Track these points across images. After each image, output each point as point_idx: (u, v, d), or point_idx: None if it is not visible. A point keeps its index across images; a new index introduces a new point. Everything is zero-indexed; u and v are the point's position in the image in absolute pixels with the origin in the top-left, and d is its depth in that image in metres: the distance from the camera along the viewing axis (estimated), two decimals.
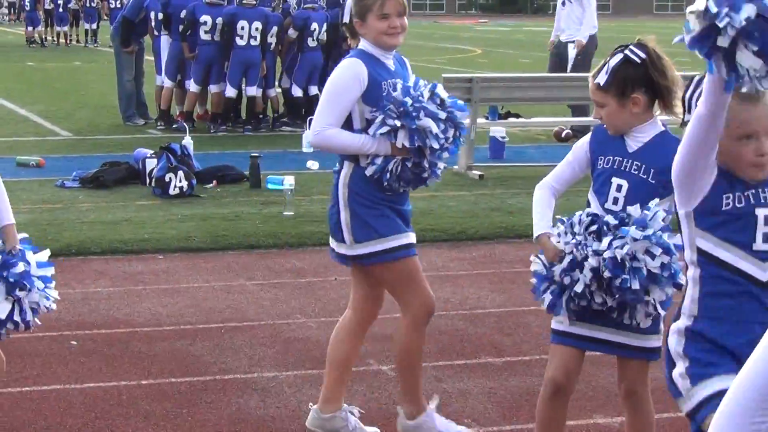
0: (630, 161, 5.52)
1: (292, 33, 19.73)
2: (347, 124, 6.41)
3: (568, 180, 5.75)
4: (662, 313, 5.37)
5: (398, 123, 6.34)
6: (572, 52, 19.03)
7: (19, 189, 13.46)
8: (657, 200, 5.30)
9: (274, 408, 6.93)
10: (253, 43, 19.12)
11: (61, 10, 44.74)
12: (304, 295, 9.58)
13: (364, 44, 6.66)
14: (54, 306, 5.91)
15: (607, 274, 5.20)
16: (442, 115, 6.43)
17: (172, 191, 13.46)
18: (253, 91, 19.57)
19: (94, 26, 45.02)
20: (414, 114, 6.31)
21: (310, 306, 9.33)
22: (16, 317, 5.69)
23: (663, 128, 5.50)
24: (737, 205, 4.49)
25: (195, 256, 10.72)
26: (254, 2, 19.23)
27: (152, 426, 6.71)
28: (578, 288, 5.30)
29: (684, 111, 5.39)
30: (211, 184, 14.23)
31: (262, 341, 8.29)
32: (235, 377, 7.55)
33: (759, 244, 4.24)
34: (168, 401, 7.11)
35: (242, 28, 19.04)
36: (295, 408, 6.92)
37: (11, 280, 5.67)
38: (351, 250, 6.60)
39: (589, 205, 5.58)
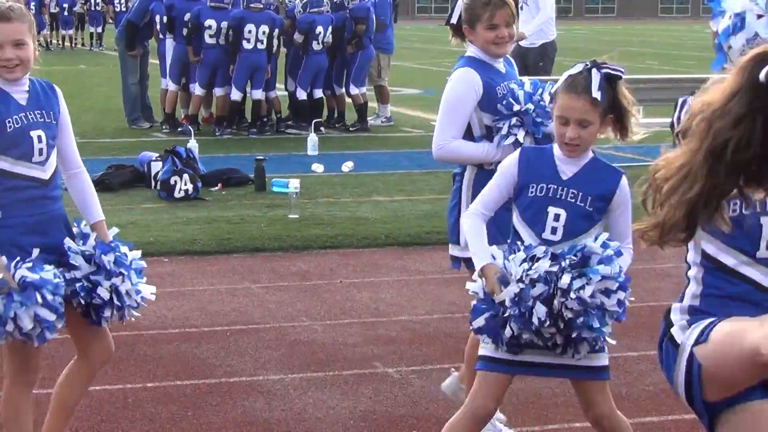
0: (566, 189, 5.32)
1: (297, 37, 19.70)
2: (467, 133, 6.44)
3: (496, 205, 5.53)
4: (608, 344, 5.31)
5: (523, 132, 6.37)
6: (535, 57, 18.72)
7: None
8: (605, 233, 5.23)
9: (280, 411, 6.93)
10: (260, 46, 19.14)
11: (66, 13, 44.78)
12: (309, 297, 9.59)
13: (472, 50, 6.70)
14: (152, 297, 6.05)
15: (569, 314, 5.08)
16: None
17: (177, 194, 13.50)
18: (259, 94, 19.61)
19: (99, 30, 45.11)
20: (539, 120, 6.36)
21: (315, 309, 9.33)
22: (116, 302, 5.85)
23: (592, 153, 5.34)
24: (743, 212, 4.48)
25: (200, 260, 10.72)
26: (261, 5, 19.23)
27: (157, 429, 6.73)
28: (534, 320, 5.09)
29: (673, 132, 5.38)
30: (216, 188, 14.25)
31: (268, 344, 8.30)
32: (241, 380, 7.56)
33: (763, 252, 4.22)
34: (173, 404, 7.12)
35: (249, 31, 19.06)
36: (300, 411, 6.92)
37: (108, 267, 5.85)
38: (462, 253, 6.59)
39: (516, 233, 5.41)
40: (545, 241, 5.25)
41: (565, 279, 5.06)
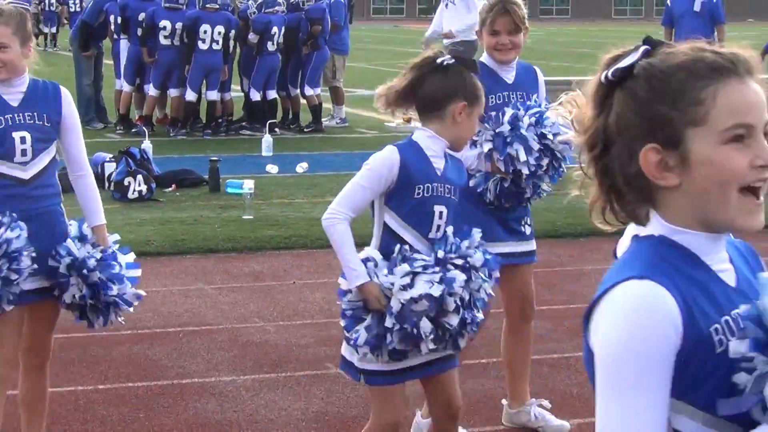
0: (443, 185, 5.26)
1: (252, 37, 19.67)
2: None
3: (364, 207, 5.29)
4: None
5: (490, 146, 6.46)
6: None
7: None
8: (476, 229, 5.33)
9: (232, 412, 6.94)
10: (215, 47, 19.13)
11: None
12: (262, 298, 9.61)
13: (484, 55, 6.93)
14: (133, 307, 6.38)
15: (467, 314, 5.11)
16: (535, 146, 6.47)
17: (131, 195, 13.45)
18: (214, 95, 19.57)
19: (54, 30, 44.92)
20: (508, 141, 6.43)
21: (268, 310, 9.35)
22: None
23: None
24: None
25: (153, 261, 10.61)
26: (217, 6, 19.20)
27: (108, 431, 6.71)
28: (421, 335, 5.02)
29: None
30: (170, 188, 14.21)
31: (220, 345, 8.30)
32: (193, 381, 7.55)
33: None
34: (125, 406, 7.10)
35: (205, 32, 19.03)
36: (252, 412, 6.93)
37: (90, 278, 6.05)
38: None
39: (395, 237, 5.23)
40: (431, 241, 5.22)
41: (459, 291, 5.07)
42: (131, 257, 6.50)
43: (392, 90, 5.40)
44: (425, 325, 5.02)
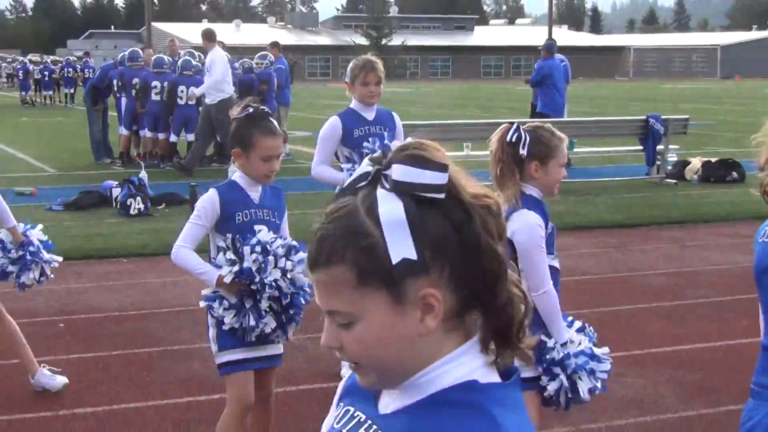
0: (261, 210, 4.88)
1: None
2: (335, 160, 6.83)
3: (200, 239, 4.91)
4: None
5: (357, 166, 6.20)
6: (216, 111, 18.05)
7: (17, 212, 13.31)
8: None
9: (211, 370, 6.90)
10: (190, 102, 19.22)
11: (46, 79, 44.95)
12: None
13: (354, 102, 6.77)
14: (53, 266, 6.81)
15: (287, 296, 4.74)
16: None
17: (132, 212, 13.44)
18: (191, 137, 19.60)
19: (72, 91, 44.93)
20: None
21: None
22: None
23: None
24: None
25: (151, 260, 10.66)
26: (191, 72, 19.35)
27: (121, 385, 6.72)
28: (263, 305, 4.70)
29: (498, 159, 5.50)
30: (161, 206, 14.21)
31: (202, 320, 8.27)
32: (182, 348, 7.58)
33: None
34: (133, 366, 7.14)
35: (182, 91, 19.12)
36: None
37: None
38: None
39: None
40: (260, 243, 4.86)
41: (283, 264, 4.72)
42: (43, 236, 6.94)
43: None
44: (268, 295, 4.71)
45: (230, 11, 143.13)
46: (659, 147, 17.24)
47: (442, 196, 1.64)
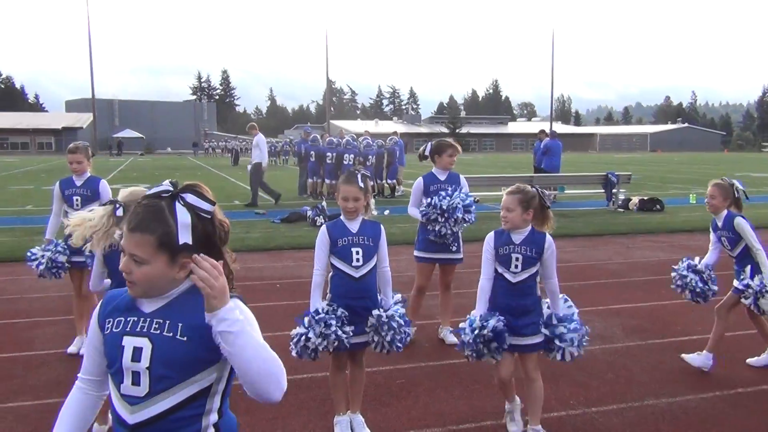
0: (358, 237, 4.31)
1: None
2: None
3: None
4: None
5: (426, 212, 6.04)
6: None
7: (254, 225, 14.28)
8: None
9: None
10: (350, 163, 19.89)
11: (273, 150, 47.08)
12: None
13: (435, 168, 6.27)
14: None
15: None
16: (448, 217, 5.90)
17: (317, 224, 13.16)
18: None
19: (287, 157, 46.83)
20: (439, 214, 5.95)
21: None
22: None
23: None
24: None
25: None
26: (351, 147, 20.20)
27: None
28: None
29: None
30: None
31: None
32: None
33: None
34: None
35: (345, 157, 20.02)
36: None
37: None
38: (420, 253, 6.24)
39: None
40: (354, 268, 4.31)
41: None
42: None
43: None
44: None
45: (372, 114, 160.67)
46: (614, 190, 18.50)
47: (209, 216, 1.99)
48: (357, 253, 4.20)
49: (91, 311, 5.13)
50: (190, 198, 1.97)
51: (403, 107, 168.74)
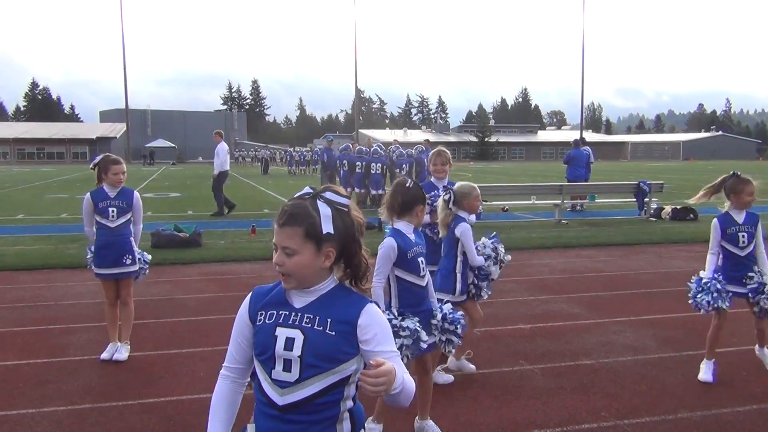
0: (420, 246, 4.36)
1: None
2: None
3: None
4: None
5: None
6: None
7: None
8: None
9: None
10: (378, 172, 19.57)
11: (302, 159, 49.01)
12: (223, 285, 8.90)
13: (433, 178, 6.17)
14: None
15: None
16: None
17: None
18: (381, 191, 19.70)
19: (317, 167, 48.11)
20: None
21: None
22: None
23: None
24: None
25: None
26: (378, 156, 19.85)
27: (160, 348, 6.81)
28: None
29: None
30: None
31: None
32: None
33: None
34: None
35: (373, 166, 19.73)
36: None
37: None
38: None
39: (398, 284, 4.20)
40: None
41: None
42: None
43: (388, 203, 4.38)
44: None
45: (401, 123, 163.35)
46: (646, 199, 18.34)
47: (346, 209, 2.22)
48: (422, 262, 4.28)
49: (120, 318, 5.90)
50: (329, 194, 2.21)
51: (432, 116, 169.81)
